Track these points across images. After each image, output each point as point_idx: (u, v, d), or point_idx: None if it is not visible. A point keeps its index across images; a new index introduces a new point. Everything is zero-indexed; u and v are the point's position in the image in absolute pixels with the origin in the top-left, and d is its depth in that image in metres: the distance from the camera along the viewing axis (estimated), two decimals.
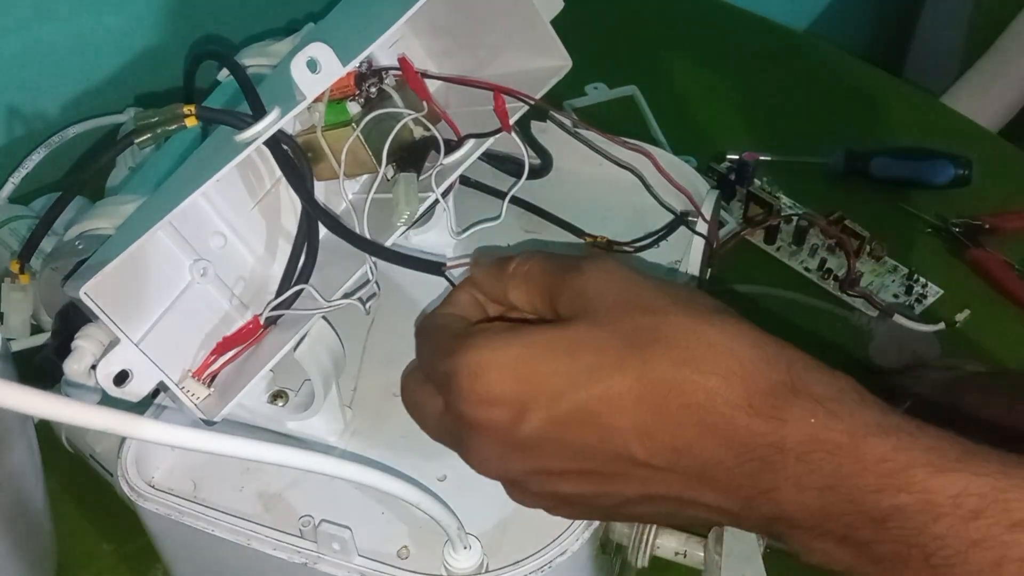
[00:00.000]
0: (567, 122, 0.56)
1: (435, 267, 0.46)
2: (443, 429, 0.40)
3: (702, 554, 0.49)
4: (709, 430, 0.34)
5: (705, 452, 0.35)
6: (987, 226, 0.73)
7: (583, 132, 0.60)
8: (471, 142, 0.50)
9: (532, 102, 0.50)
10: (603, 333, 0.36)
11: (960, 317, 0.66)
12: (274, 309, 0.46)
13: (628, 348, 0.36)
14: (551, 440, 0.36)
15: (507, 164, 0.57)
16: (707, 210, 0.54)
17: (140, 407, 0.46)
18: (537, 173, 0.57)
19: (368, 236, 0.47)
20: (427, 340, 0.41)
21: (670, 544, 0.50)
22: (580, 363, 0.36)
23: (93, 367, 0.43)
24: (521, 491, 0.40)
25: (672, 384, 0.35)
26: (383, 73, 0.49)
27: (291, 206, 0.49)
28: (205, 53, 0.55)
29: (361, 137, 0.47)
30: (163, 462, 0.48)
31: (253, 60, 0.60)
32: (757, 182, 0.73)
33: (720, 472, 0.35)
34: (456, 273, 0.45)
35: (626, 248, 0.52)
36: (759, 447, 0.34)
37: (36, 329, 0.57)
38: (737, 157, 0.76)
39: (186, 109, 0.43)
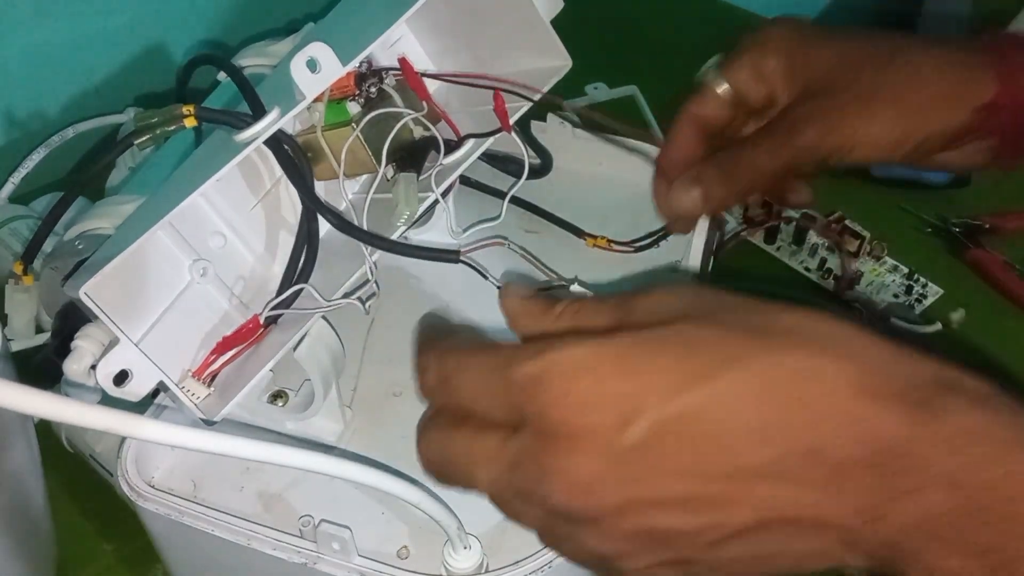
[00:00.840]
0: (575, 118, 0.56)
1: (452, 255, 0.46)
2: (508, 466, 0.33)
3: None
4: (848, 423, 0.30)
5: (840, 450, 0.30)
6: (987, 226, 0.73)
7: (583, 132, 0.60)
8: (471, 142, 0.50)
9: (536, 99, 0.50)
10: (713, 331, 0.32)
11: (955, 317, 0.66)
12: (274, 309, 0.46)
13: (748, 343, 0.31)
14: (659, 452, 0.31)
15: (507, 164, 0.57)
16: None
17: (140, 407, 0.46)
18: (537, 173, 0.57)
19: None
20: (471, 361, 0.35)
21: None
22: (696, 358, 0.31)
23: (93, 367, 0.43)
24: (600, 529, 0.33)
25: (806, 374, 0.31)
26: (383, 73, 0.49)
27: (291, 206, 0.49)
28: (200, 58, 0.55)
29: (361, 137, 0.47)
30: (163, 462, 0.48)
31: (252, 60, 0.60)
32: None
33: (855, 473, 0.31)
34: (475, 258, 0.45)
35: (626, 248, 0.52)
36: (909, 441, 0.30)
37: (38, 329, 0.57)
38: None
39: (185, 109, 0.43)
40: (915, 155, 0.46)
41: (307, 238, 0.47)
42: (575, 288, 0.44)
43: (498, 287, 0.49)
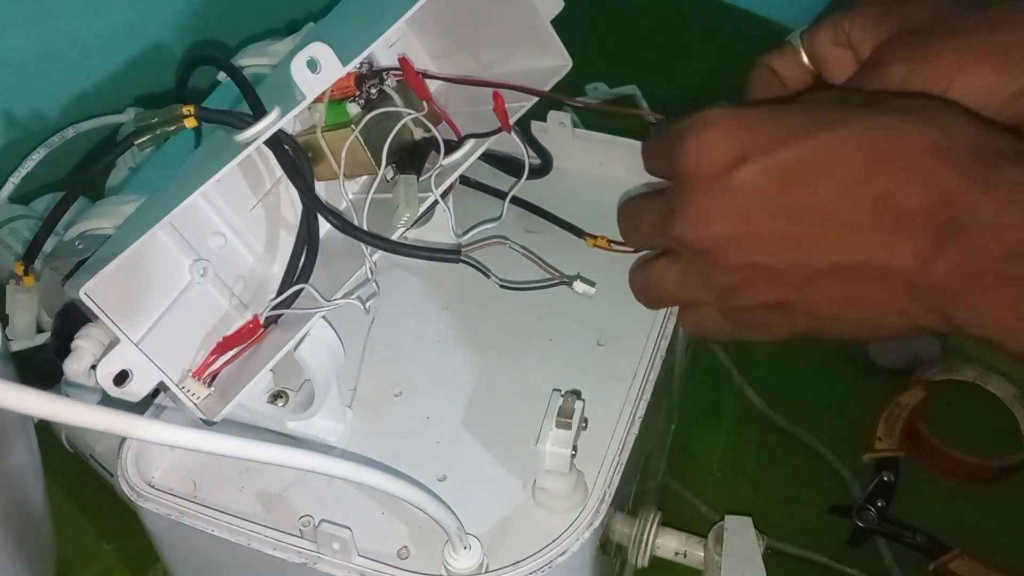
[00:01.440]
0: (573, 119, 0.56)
1: (452, 255, 0.46)
2: (655, 213, 0.44)
3: (702, 554, 0.49)
4: (916, 174, 0.36)
5: (907, 198, 0.36)
6: None
7: (583, 132, 0.60)
8: (471, 142, 0.50)
9: (541, 93, 0.50)
10: (833, 97, 0.40)
11: None
12: (274, 309, 0.46)
13: (855, 108, 0.38)
14: (762, 191, 0.38)
15: (507, 164, 0.57)
16: None
17: (140, 407, 0.46)
18: (537, 173, 0.57)
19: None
20: (657, 136, 0.45)
21: (670, 544, 0.50)
22: (808, 117, 0.38)
23: (93, 367, 0.43)
24: (708, 266, 0.42)
25: (895, 131, 0.37)
26: (383, 73, 0.49)
27: (291, 206, 0.49)
28: (200, 58, 0.55)
29: (360, 137, 0.47)
30: (163, 462, 0.48)
31: (253, 60, 0.60)
32: None
33: (916, 220, 0.36)
34: (475, 258, 0.46)
35: (626, 248, 0.52)
36: (964, 192, 0.35)
37: (39, 330, 0.57)
38: None
39: (185, 109, 0.43)
40: (1011, 108, 0.45)
41: (307, 238, 0.47)
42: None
43: (500, 285, 0.50)
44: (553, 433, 0.43)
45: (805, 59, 0.49)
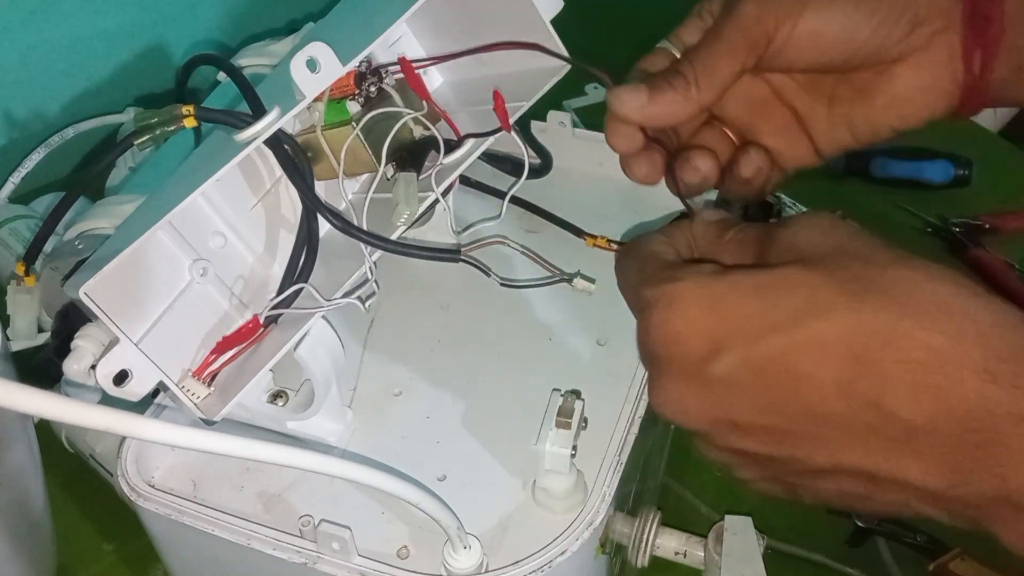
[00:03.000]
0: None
1: (452, 255, 0.46)
2: (639, 347, 0.38)
3: (702, 554, 0.49)
4: (927, 392, 0.31)
5: (918, 416, 0.31)
6: (987, 226, 0.73)
7: (583, 132, 0.60)
8: (471, 142, 0.50)
9: (571, 62, 0.50)
10: (815, 277, 0.33)
11: None
12: (274, 308, 0.46)
13: (840, 296, 0.33)
14: (742, 386, 0.34)
15: (507, 164, 0.57)
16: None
17: (140, 407, 0.46)
18: (537, 173, 0.57)
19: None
20: (634, 261, 0.40)
21: (670, 544, 0.50)
22: (785, 305, 0.33)
23: (93, 367, 0.43)
24: (702, 441, 0.38)
25: (888, 338, 0.31)
26: (383, 72, 0.49)
27: (291, 206, 0.49)
28: (200, 58, 0.55)
29: (361, 136, 0.47)
30: (163, 462, 0.48)
31: (252, 60, 0.60)
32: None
33: (933, 441, 0.31)
34: (475, 256, 0.45)
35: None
36: (992, 416, 0.30)
37: (39, 330, 0.57)
38: None
39: (185, 109, 0.43)
40: (859, 59, 0.43)
41: (307, 238, 0.47)
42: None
43: (501, 283, 0.50)
44: (553, 433, 0.43)
45: (677, 54, 0.48)
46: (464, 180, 0.56)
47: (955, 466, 0.31)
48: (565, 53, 0.51)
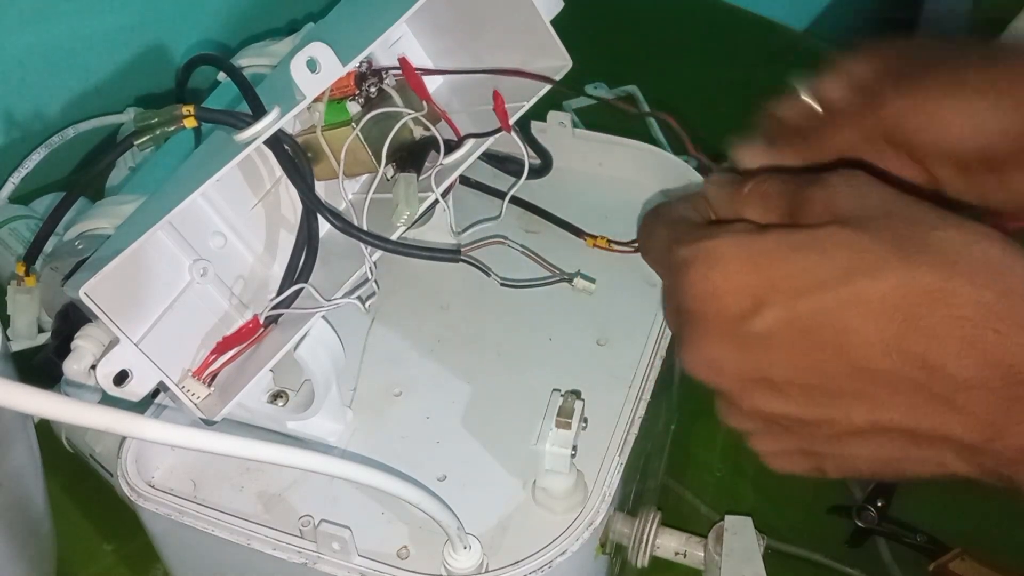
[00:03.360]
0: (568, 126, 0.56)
1: (452, 255, 0.46)
2: (670, 308, 0.37)
3: (702, 554, 0.49)
4: (974, 346, 0.31)
5: (964, 370, 0.31)
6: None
7: (583, 132, 0.60)
8: (471, 142, 0.50)
9: (552, 84, 0.50)
10: (862, 236, 0.33)
11: None
12: (274, 308, 0.46)
13: (889, 255, 0.32)
14: (782, 343, 0.34)
15: (507, 164, 0.57)
16: None
17: (140, 407, 0.46)
18: (537, 173, 0.57)
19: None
20: (661, 225, 0.39)
21: (670, 544, 0.50)
22: (832, 263, 0.33)
23: (93, 367, 0.43)
24: (730, 403, 0.37)
25: (938, 294, 0.32)
26: (383, 73, 0.49)
27: (291, 206, 0.49)
28: (200, 58, 0.55)
29: (361, 137, 0.47)
30: (163, 462, 0.48)
31: (252, 60, 0.60)
32: None
33: (976, 395, 0.32)
34: (475, 256, 0.45)
35: (626, 248, 0.52)
36: None
37: (39, 330, 0.57)
38: None
39: (185, 110, 0.43)
40: (1003, 143, 0.41)
41: (307, 238, 0.47)
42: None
43: (501, 283, 0.50)
44: (553, 433, 0.43)
45: (816, 106, 0.44)
46: (464, 180, 0.56)
47: (995, 420, 0.32)
48: (565, 53, 0.51)
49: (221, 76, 0.58)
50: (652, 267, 0.39)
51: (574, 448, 0.43)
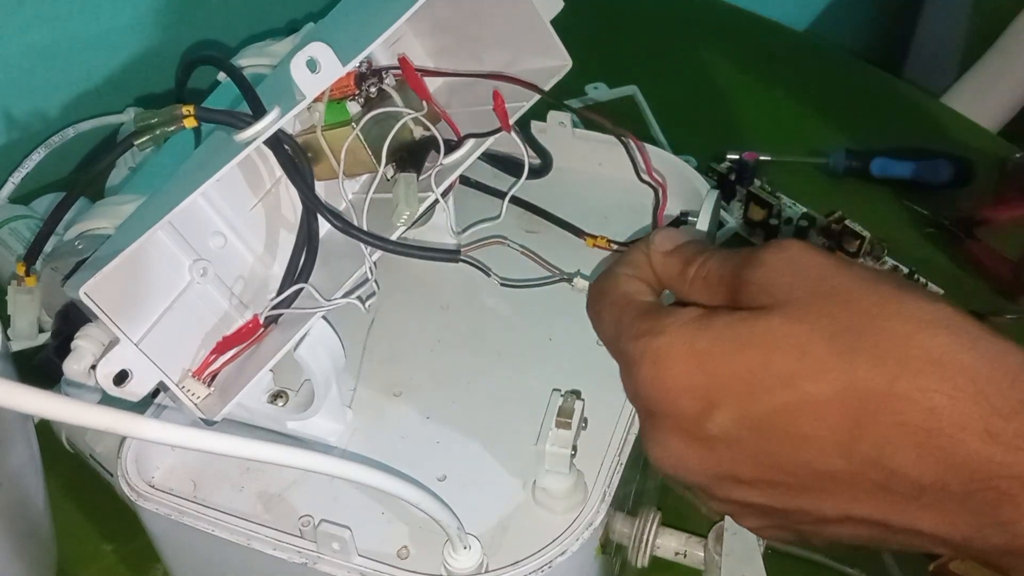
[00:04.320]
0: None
1: (452, 255, 0.46)
2: (628, 392, 0.37)
3: (702, 554, 0.49)
4: (930, 453, 0.30)
5: (925, 476, 0.30)
6: (980, 218, 0.72)
7: (583, 132, 0.60)
8: (471, 142, 0.50)
9: (541, 94, 0.50)
10: (801, 330, 0.32)
11: None
12: (274, 308, 0.46)
13: (831, 353, 0.31)
14: (741, 443, 0.33)
15: (507, 164, 0.57)
16: (707, 210, 0.54)
17: (140, 407, 0.46)
18: (537, 173, 0.57)
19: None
20: (607, 308, 0.38)
21: (670, 544, 0.50)
22: (776, 364, 0.32)
23: (93, 367, 0.43)
24: (703, 495, 0.37)
25: (884, 399, 0.30)
26: (383, 73, 0.49)
27: (291, 206, 0.49)
28: (199, 59, 0.55)
29: (361, 136, 0.47)
30: (163, 462, 0.48)
31: (252, 60, 0.60)
32: (757, 182, 0.73)
33: (943, 498, 0.31)
34: (475, 256, 0.45)
35: (626, 248, 0.52)
36: (997, 478, 0.30)
37: (40, 330, 0.57)
38: (737, 157, 0.76)
39: (185, 110, 0.43)
40: None
41: (307, 238, 0.47)
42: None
43: (501, 283, 0.50)
44: (553, 433, 0.43)
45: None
46: (464, 180, 0.56)
47: (967, 521, 0.31)
48: (565, 53, 0.51)
49: (221, 76, 0.58)
50: (606, 348, 0.39)
51: (574, 448, 0.43)
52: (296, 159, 0.46)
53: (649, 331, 0.35)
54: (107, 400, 0.42)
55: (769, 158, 0.77)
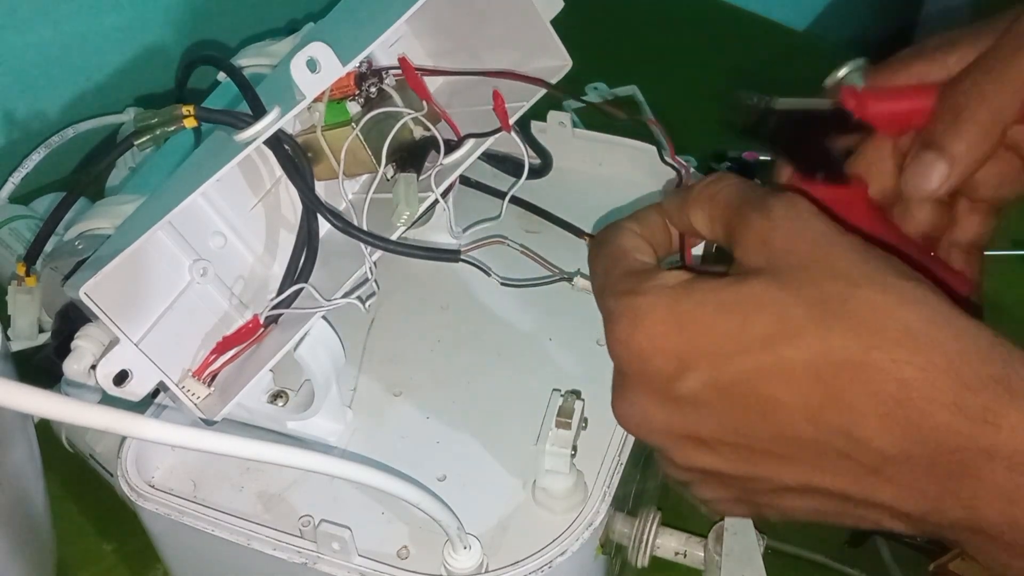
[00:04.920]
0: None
1: (452, 255, 0.46)
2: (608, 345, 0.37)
3: (702, 554, 0.49)
4: (898, 424, 0.30)
5: (890, 447, 0.31)
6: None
7: (583, 132, 0.60)
8: (471, 142, 0.50)
9: (548, 88, 0.50)
10: (784, 296, 0.32)
11: None
12: (274, 308, 0.46)
13: (810, 320, 0.32)
14: (708, 405, 0.33)
15: (507, 164, 0.57)
16: None
17: (140, 407, 0.46)
18: (537, 173, 0.57)
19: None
20: (603, 258, 0.38)
21: (670, 544, 0.50)
22: (754, 327, 0.32)
23: (93, 367, 0.43)
24: (663, 458, 0.37)
25: (857, 369, 0.31)
26: (383, 73, 0.49)
27: (291, 206, 0.49)
28: (199, 58, 0.55)
29: (361, 136, 0.47)
30: (163, 462, 0.48)
31: (252, 60, 0.60)
32: (757, 182, 0.73)
33: (905, 470, 0.31)
34: (475, 256, 0.45)
35: None
36: (962, 451, 0.30)
37: (40, 330, 0.57)
38: (737, 157, 0.76)
39: (185, 110, 0.43)
40: None
41: (307, 238, 0.47)
42: None
43: (501, 283, 0.50)
44: (553, 433, 0.43)
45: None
46: (464, 180, 0.56)
47: (928, 494, 0.31)
48: (565, 53, 0.51)
49: (221, 76, 0.58)
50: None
51: (574, 448, 0.43)
52: (296, 159, 0.46)
53: (632, 290, 0.35)
54: (107, 400, 0.42)
55: (769, 158, 0.77)
